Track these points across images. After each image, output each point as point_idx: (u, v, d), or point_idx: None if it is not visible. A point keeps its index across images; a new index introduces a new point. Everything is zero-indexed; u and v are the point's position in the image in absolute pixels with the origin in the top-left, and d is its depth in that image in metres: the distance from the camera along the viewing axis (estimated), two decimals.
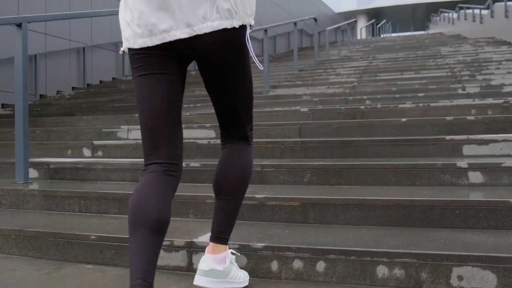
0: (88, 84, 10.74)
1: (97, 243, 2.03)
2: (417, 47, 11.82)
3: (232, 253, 1.64)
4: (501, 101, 3.62)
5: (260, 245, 1.81)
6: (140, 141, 3.59)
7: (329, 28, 11.03)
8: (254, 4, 1.37)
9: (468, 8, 15.27)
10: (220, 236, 1.52)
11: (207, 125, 3.81)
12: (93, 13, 4.34)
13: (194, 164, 2.85)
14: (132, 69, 1.35)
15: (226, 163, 1.50)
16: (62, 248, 2.09)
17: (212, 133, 3.77)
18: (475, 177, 2.38)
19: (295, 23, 8.52)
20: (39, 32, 9.39)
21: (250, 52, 1.39)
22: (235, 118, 1.47)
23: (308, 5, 21.45)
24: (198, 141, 3.34)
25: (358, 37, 21.99)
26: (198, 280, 1.51)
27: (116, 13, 3.74)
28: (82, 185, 2.92)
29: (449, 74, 6.72)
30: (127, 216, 2.48)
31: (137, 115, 4.59)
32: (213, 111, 4.41)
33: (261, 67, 1.41)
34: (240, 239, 1.90)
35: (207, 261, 1.52)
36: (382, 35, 23.90)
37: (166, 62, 1.31)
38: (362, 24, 20.54)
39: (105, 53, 11.15)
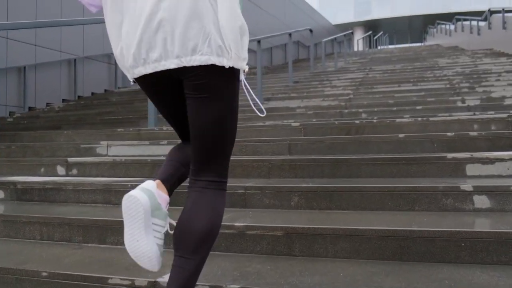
0: (79, 96, 10.50)
1: (49, 280, 1.77)
2: (415, 58, 11.66)
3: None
4: (505, 115, 3.39)
5: (234, 287, 1.55)
6: (117, 158, 3.33)
7: (325, 39, 10.87)
8: (246, 49, 1.32)
9: (465, 19, 15.18)
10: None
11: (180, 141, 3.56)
12: (66, 22, 4.13)
13: None
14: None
15: (193, 214, 1.30)
16: (10, 286, 1.83)
17: None
18: (481, 201, 2.12)
19: (289, 34, 8.33)
20: (28, 43, 9.18)
21: (249, 98, 1.34)
22: (210, 155, 1.33)
23: (304, 17, 21.40)
24: None
25: (355, 49, 21.88)
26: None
27: (88, 22, 3.52)
28: (48, 208, 2.65)
29: (448, 86, 6.51)
30: (91, 245, 2.23)
31: (119, 129, 4.35)
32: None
33: (262, 114, 1.43)
34: (212, 278, 1.64)
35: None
36: (379, 47, 23.84)
37: (165, 84, 1.34)
38: (359, 36, 20.48)
39: (97, 65, 10.95)
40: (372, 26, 30.18)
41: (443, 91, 6.13)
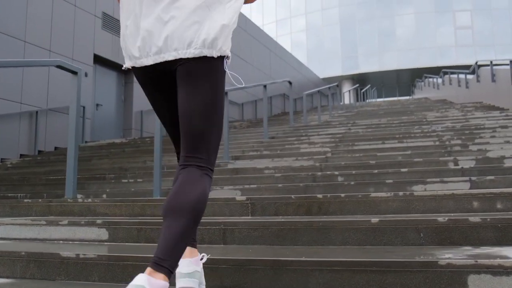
0: (39, 151, 9.66)
1: None
2: (402, 112, 11.07)
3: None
4: None
5: None
6: None
7: (306, 92, 10.28)
8: (230, 40, 1.55)
9: (452, 73, 14.87)
10: (159, 263, 1.31)
11: (99, 221, 2.66)
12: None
13: None
14: (139, 83, 1.62)
15: (181, 189, 1.44)
16: None
17: (104, 234, 2.61)
18: None
19: (264, 86, 7.69)
20: None
21: (228, 74, 1.62)
22: (197, 143, 1.50)
23: (291, 70, 21.20)
24: (62, 251, 2.17)
25: (344, 102, 21.50)
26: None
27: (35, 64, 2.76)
28: None
29: (438, 143, 5.76)
30: None
31: (26, 200, 3.45)
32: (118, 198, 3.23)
33: (239, 83, 1.77)
34: None
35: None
36: (367, 100, 23.58)
37: (162, 79, 1.57)
38: (347, 90, 20.17)
39: (63, 117, 10.19)
40: (360, 80, 30.30)
41: (432, 150, 5.36)
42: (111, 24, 11.49)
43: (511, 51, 28.40)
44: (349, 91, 19.40)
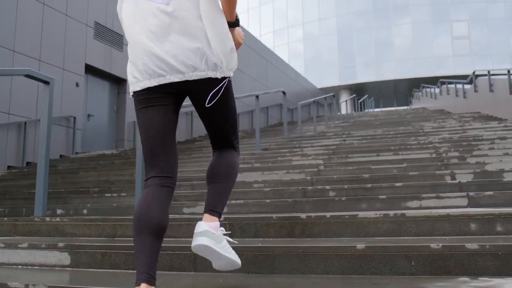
0: (28, 163, 9.41)
1: None
2: (399, 122, 10.87)
3: (223, 233, 1.74)
4: None
5: None
6: None
7: (301, 102, 10.08)
8: (236, 60, 1.72)
9: (450, 83, 14.72)
10: (213, 209, 1.70)
11: (61, 244, 2.42)
12: None
13: None
14: (135, 108, 1.71)
15: (217, 160, 1.81)
16: None
17: (66, 259, 2.37)
18: None
19: (257, 96, 7.49)
20: None
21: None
22: (222, 137, 1.81)
23: (288, 80, 21.06)
24: (11, 281, 1.93)
25: (343, 112, 21.36)
26: (195, 240, 1.63)
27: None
28: None
29: (434, 155, 5.54)
30: None
31: None
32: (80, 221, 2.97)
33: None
34: None
35: (202, 226, 1.66)
36: (366, 110, 23.43)
37: (162, 97, 1.66)
38: (344, 100, 20.01)
39: (53, 128, 9.97)
40: (357, 90, 30.19)
41: (428, 162, 5.14)
42: (104, 33, 11.33)
43: (508, 60, 28.36)
44: (346, 101, 19.24)
